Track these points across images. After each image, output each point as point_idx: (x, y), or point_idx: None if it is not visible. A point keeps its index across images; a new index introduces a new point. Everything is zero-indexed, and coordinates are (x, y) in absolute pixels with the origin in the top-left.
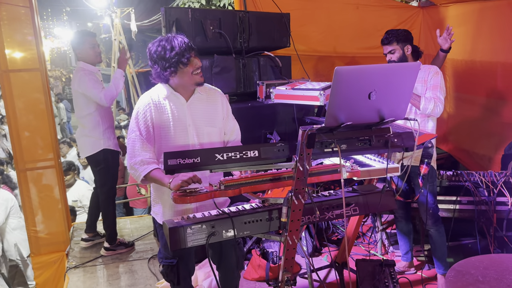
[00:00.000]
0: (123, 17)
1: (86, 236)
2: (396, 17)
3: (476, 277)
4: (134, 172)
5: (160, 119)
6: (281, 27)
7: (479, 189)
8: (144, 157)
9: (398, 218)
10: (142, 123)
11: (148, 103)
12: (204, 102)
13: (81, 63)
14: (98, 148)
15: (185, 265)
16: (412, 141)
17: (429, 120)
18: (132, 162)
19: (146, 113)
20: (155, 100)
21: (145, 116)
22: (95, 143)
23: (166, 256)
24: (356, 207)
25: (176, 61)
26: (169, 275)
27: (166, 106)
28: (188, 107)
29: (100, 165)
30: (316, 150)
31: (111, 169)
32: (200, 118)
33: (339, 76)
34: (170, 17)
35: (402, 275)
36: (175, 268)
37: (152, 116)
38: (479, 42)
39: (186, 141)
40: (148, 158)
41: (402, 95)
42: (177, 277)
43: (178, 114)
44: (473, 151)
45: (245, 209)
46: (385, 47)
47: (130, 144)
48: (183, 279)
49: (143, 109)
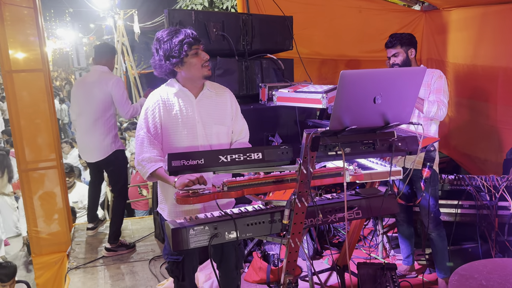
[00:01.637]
0: (126, 19)
1: (90, 225)
2: (398, 21)
3: (479, 282)
4: (141, 169)
5: (168, 117)
6: (284, 30)
7: (481, 193)
8: (152, 154)
9: (399, 221)
10: (151, 120)
11: (157, 100)
12: (213, 99)
13: (106, 68)
14: (111, 151)
15: (190, 262)
16: (416, 145)
17: (432, 124)
18: (139, 159)
19: (155, 110)
20: (164, 98)
21: (154, 114)
22: (108, 146)
23: (171, 252)
24: (359, 211)
25: (181, 49)
26: (174, 271)
27: (175, 104)
28: (197, 104)
29: (112, 166)
30: (320, 153)
31: (122, 168)
32: (209, 115)
33: (345, 80)
34: (173, 19)
35: (403, 278)
36: (180, 265)
37: (161, 114)
38: (481, 46)
39: (194, 138)
40: (156, 156)
41: (407, 100)
42: (182, 273)
43: (187, 111)
44: (475, 155)
45: (248, 211)
46: (389, 50)
47: (139, 141)
48: (187, 275)
49: (152, 107)
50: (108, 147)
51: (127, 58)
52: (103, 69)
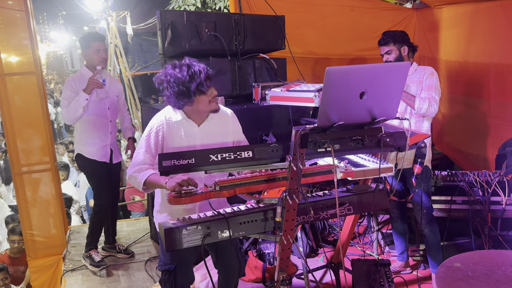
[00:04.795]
0: (119, 21)
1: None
2: (390, 19)
3: (465, 272)
4: (134, 181)
5: (170, 140)
6: (276, 30)
7: (473, 189)
8: (143, 166)
9: (393, 218)
10: (153, 140)
11: (162, 121)
12: (215, 127)
13: (82, 67)
14: (75, 153)
15: (183, 274)
16: (404, 141)
17: (424, 120)
18: (130, 172)
19: (159, 131)
20: (169, 120)
21: (157, 134)
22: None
23: (165, 262)
24: (350, 207)
25: (195, 91)
26: (166, 284)
27: (179, 129)
28: (200, 131)
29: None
30: (309, 150)
31: (88, 175)
32: (211, 140)
33: (330, 76)
34: (165, 20)
35: (398, 274)
36: (172, 275)
37: (164, 135)
38: (472, 43)
39: None
40: (147, 165)
41: (393, 95)
42: (174, 286)
43: (188, 138)
44: (468, 151)
45: (241, 210)
46: (382, 47)
47: (134, 158)
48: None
49: (156, 127)
50: (76, 149)
51: (121, 60)
52: (80, 69)
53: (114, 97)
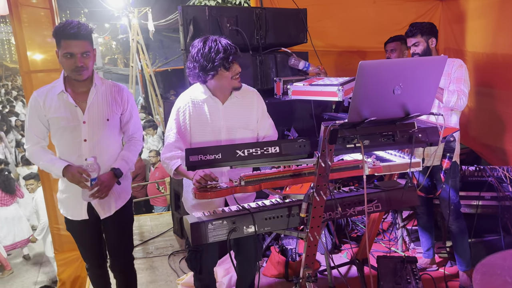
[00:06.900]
0: (140, 17)
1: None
2: (414, 10)
3: (503, 278)
4: (166, 166)
5: (198, 119)
6: (298, 23)
7: (502, 184)
8: (176, 152)
9: (419, 214)
10: (181, 120)
11: (188, 102)
12: (239, 106)
13: (61, 75)
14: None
15: (209, 255)
16: (437, 136)
17: (452, 114)
18: (163, 157)
19: (186, 111)
20: (194, 100)
21: (184, 114)
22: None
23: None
24: (379, 203)
25: (219, 64)
26: (192, 262)
27: (204, 108)
28: (223, 110)
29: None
30: (338, 146)
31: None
32: (234, 121)
33: (364, 71)
34: (187, 16)
35: (424, 272)
36: (199, 255)
37: (191, 115)
38: (500, 34)
39: (218, 143)
40: (180, 153)
41: (428, 90)
42: (200, 266)
43: (213, 116)
44: (496, 146)
45: (265, 205)
46: (409, 39)
47: (166, 140)
48: (205, 268)
49: (182, 108)
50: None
51: (142, 57)
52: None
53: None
